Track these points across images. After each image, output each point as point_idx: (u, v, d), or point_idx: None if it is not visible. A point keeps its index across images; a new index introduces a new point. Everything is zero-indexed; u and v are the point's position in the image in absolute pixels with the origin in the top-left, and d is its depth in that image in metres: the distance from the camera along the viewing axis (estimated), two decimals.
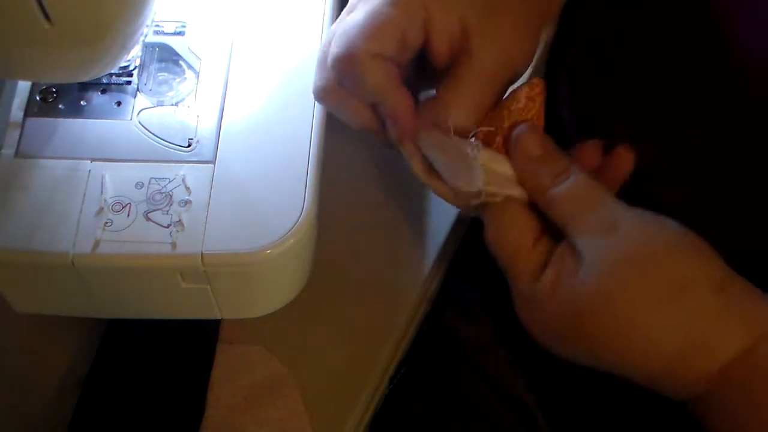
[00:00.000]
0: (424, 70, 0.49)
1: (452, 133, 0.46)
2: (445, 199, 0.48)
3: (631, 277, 0.41)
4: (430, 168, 0.48)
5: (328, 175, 0.54)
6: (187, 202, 0.50)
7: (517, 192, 0.46)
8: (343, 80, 0.47)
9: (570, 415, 0.56)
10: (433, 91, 0.49)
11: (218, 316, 0.54)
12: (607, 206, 0.43)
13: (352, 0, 0.49)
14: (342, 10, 0.50)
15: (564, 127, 0.56)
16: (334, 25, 0.49)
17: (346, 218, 0.61)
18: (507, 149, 0.47)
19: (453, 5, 0.46)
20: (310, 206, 0.51)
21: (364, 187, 0.63)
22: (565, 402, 0.56)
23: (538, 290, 0.43)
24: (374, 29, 0.45)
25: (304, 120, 0.53)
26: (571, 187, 0.44)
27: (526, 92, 0.47)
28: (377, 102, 0.48)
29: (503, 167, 0.46)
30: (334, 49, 0.46)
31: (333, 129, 0.55)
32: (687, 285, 0.41)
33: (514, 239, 0.45)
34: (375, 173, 0.63)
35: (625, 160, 0.46)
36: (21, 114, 0.53)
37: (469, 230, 0.63)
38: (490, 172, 0.46)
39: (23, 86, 0.54)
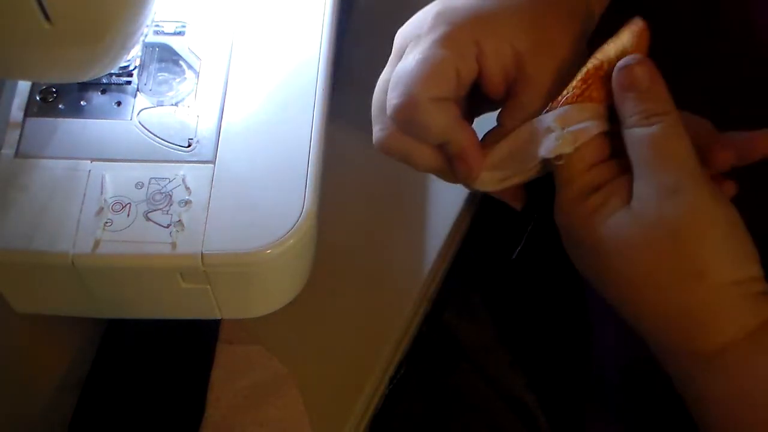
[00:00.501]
0: (478, 98, 0.49)
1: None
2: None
3: (662, 252, 0.42)
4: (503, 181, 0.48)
5: (328, 175, 0.54)
6: (187, 202, 0.50)
7: (601, 128, 0.45)
8: (407, 128, 0.47)
9: (570, 415, 0.56)
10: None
11: (218, 316, 0.54)
12: (681, 169, 0.42)
13: (399, 44, 0.48)
14: (342, 10, 0.50)
15: None
16: (386, 74, 0.48)
17: (346, 218, 0.61)
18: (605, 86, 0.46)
19: (502, 34, 0.46)
20: (310, 206, 0.51)
21: (364, 186, 0.63)
22: (565, 402, 0.56)
23: (578, 211, 0.44)
24: (430, 74, 0.45)
25: (304, 120, 0.53)
26: (657, 135, 0.43)
27: (632, 30, 0.46)
28: (443, 143, 0.47)
29: (586, 113, 0.45)
30: (394, 100, 0.46)
31: (333, 129, 0.55)
32: (709, 273, 0.42)
33: (576, 153, 0.45)
34: (375, 173, 0.63)
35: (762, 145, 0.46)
36: (21, 114, 0.53)
37: (470, 230, 0.63)
38: (574, 130, 0.45)
39: (23, 86, 0.54)
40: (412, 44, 0.47)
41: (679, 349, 0.43)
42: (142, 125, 0.53)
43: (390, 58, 0.49)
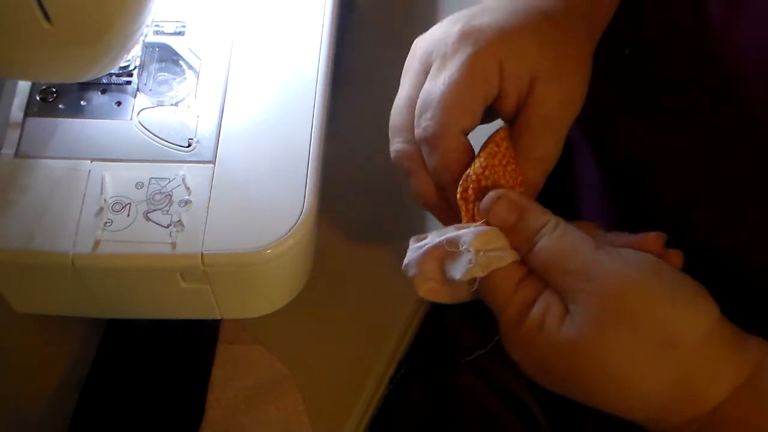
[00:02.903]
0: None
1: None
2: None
3: (615, 334, 0.40)
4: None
5: (328, 175, 0.54)
6: (187, 202, 0.50)
7: (515, 256, 0.44)
8: (428, 152, 0.46)
9: (570, 415, 0.56)
10: None
11: (218, 316, 0.54)
12: (582, 255, 0.42)
13: (421, 59, 0.48)
14: (342, 11, 0.50)
15: None
16: (408, 87, 0.48)
17: (346, 218, 0.61)
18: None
19: (523, 56, 0.45)
20: (310, 206, 0.51)
21: (364, 186, 0.63)
22: (565, 402, 0.56)
23: (523, 331, 0.42)
24: (461, 103, 0.45)
25: (304, 120, 0.53)
26: (546, 248, 0.43)
27: (490, 142, 0.46)
28: (445, 185, 0.47)
29: (502, 241, 0.45)
30: (426, 122, 0.46)
31: (333, 129, 0.55)
32: (675, 339, 0.40)
33: (499, 278, 0.44)
34: (375, 173, 0.63)
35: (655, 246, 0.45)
36: (21, 114, 0.53)
37: None
38: (486, 254, 0.44)
39: (23, 86, 0.54)
40: (438, 63, 0.46)
41: (680, 421, 0.41)
42: (142, 125, 0.53)
43: (410, 70, 0.49)
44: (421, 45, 0.48)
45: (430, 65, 0.47)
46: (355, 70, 0.66)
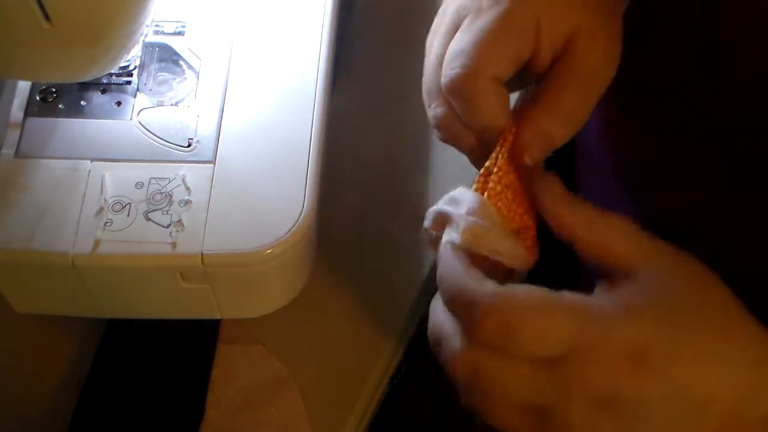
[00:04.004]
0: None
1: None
2: None
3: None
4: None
5: (328, 175, 0.54)
6: (187, 202, 0.50)
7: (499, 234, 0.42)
8: (458, 102, 0.44)
9: None
10: None
11: (218, 316, 0.54)
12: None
13: (453, 15, 0.45)
14: (342, 10, 0.50)
15: None
16: (439, 47, 0.45)
17: (347, 218, 0.61)
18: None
19: (561, 13, 0.43)
20: (310, 206, 0.51)
21: (364, 186, 0.63)
22: None
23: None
24: (493, 49, 0.42)
25: (304, 120, 0.53)
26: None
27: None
28: (485, 129, 0.44)
29: (494, 218, 0.43)
30: (452, 71, 0.43)
31: (333, 129, 0.55)
32: (712, 395, 0.38)
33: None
34: (375, 172, 0.63)
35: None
36: (21, 114, 0.53)
37: None
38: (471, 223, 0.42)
39: (23, 86, 0.54)
40: (471, 15, 0.44)
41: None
42: (142, 125, 0.53)
43: (441, 29, 0.46)
44: (453, 3, 0.46)
45: (461, 22, 0.45)
46: (355, 70, 0.66)
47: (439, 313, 0.41)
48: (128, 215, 0.50)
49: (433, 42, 0.47)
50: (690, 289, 0.39)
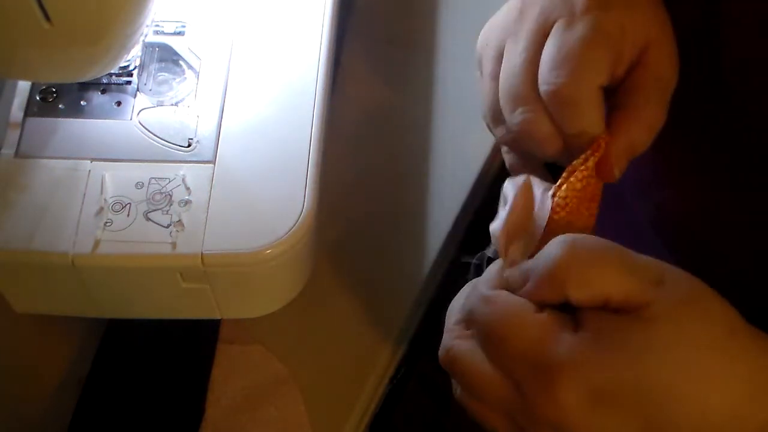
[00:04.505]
0: None
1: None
2: None
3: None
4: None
5: (328, 175, 0.54)
6: (187, 202, 0.50)
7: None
8: (560, 111, 0.43)
9: None
10: None
11: (218, 316, 0.54)
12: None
13: (540, 18, 0.45)
14: (342, 10, 0.50)
15: None
16: (527, 51, 0.45)
17: (346, 218, 0.61)
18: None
19: (639, 21, 0.44)
20: (310, 206, 0.51)
21: (364, 186, 0.63)
22: None
23: (572, 346, 0.37)
24: (598, 58, 0.43)
25: (304, 120, 0.53)
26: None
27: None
28: (580, 134, 0.43)
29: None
30: (559, 79, 0.43)
31: (333, 129, 0.55)
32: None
33: (513, 314, 0.39)
34: (375, 173, 0.63)
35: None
36: (21, 114, 0.53)
37: (469, 231, 0.63)
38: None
39: (23, 86, 0.54)
40: (563, 22, 0.44)
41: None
42: (142, 125, 0.53)
43: (522, 34, 0.46)
44: (533, 7, 0.46)
45: (549, 26, 0.45)
46: (355, 70, 0.66)
47: (453, 302, 0.42)
48: (128, 215, 0.50)
49: (517, 44, 0.46)
50: (669, 324, 0.37)
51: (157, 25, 0.56)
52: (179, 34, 0.56)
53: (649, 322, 0.37)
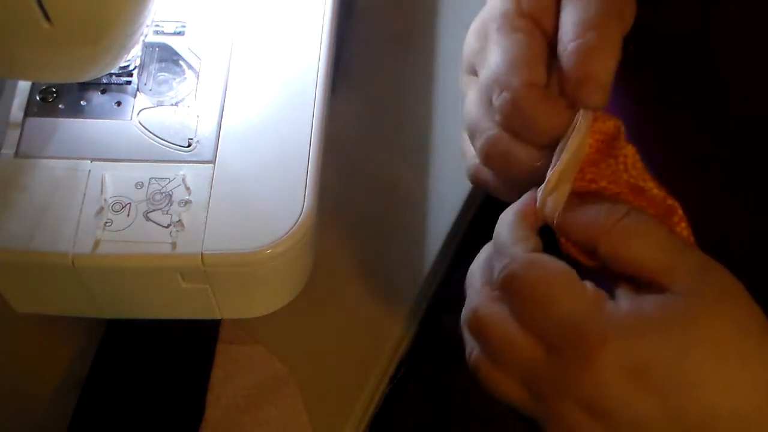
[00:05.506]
0: None
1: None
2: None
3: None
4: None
5: (328, 175, 0.54)
6: (187, 202, 0.50)
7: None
8: (516, 125, 0.42)
9: None
10: None
11: (218, 316, 0.54)
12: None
13: (467, 60, 0.46)
14: (342, 10, 0.50)
15: None
16: (473, 91, 0.45)
17: (346, 218, 0.61)
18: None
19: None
20: (310, 206, 0.51)
21: (364, 186, 0.63)
22: None
23: (618, 316, 0.37)
24: (518, 60, 0.42)
25: (304, 120, 0.53)
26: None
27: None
28: (550, 130, 0.42)
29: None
30: (497, 101, 0.42)
31: (333, 129, 0.55)
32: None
33: (557, 279, 0.38)
34: (375, 173, 0.63)
35: None
36: (21, 114, 0.53)
37: (469, 231, 0.63)
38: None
39: (23, 86, 0.54)
40: (489, 44, 0.44)
41: None
42: (142, 125, 0.53)
43: (463, 78, 0.47)
44: (464, 48, 0.47)
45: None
46: (355, 70, 0.66)
47: (473, 265, 0.42)
48: (128, 215, 0.50)
49: (470, 82, 0.46)
50: (712, 311, 0.37)
51: (157, 25, 0.56)
52: (179, 34, 0.56)
53: (693, 305, 0.36)
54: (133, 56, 0.54)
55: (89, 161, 0.51)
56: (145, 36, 0.55)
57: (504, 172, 0.44)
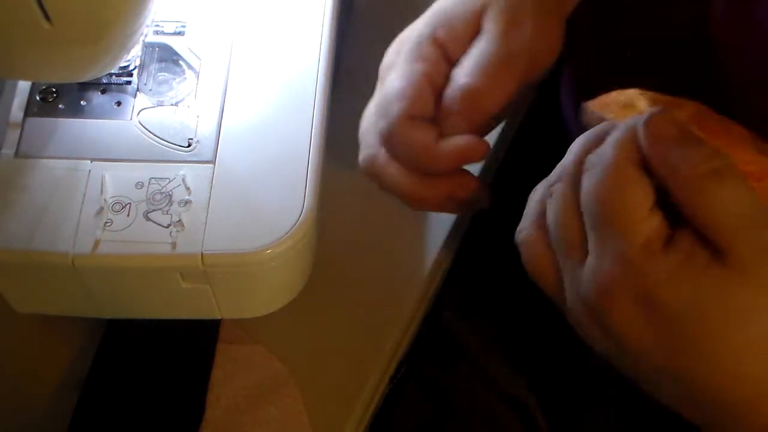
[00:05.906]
0: None
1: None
2: None
3: None
4: None
5: (328, 175, 0.54)
6: (187, 202, 0.50)
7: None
8: (388, 150, 0.50)
9: (570, 415, 0.56)
10: None
11: (218, 316, 0.54)
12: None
13: (381, 76, 0.52)
14: (342, 10, 0.50)
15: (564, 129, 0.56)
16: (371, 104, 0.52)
17: (347, 218, 0.61)
18: None
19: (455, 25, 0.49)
20: (310, 206, 0.51)
21: (364, 186, 0.63)
22: (565, 402, 0.56)
23: (657, 266, 0.36)
24: (405, 92, 0.48)
25: (304, 120, 0.53)
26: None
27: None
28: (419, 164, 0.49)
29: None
30: (379, 125, 0.49)
31: (333, 129, 0.55)
32: None
33: (632, 199, 0.37)
34: None
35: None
36: (21, 114, 0.53)
37: (469, 231, 0.63)
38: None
39: (23, 86, 0.54)
40: (389, 72, 0.50)
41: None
42: (142, 125, 0.53)
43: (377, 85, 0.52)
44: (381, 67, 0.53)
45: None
46: (355, 70, 0.66)
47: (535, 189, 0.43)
48: (128, 215, 0.50)
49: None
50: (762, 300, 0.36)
51: (157, 25, 0.56)
52: (179, 34, 0.56)
53: (743, 285, 0.36)
54: (133, 56, 0.54)
55: (89, 161, 0.52)
56: (145, 36, 0.55)
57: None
